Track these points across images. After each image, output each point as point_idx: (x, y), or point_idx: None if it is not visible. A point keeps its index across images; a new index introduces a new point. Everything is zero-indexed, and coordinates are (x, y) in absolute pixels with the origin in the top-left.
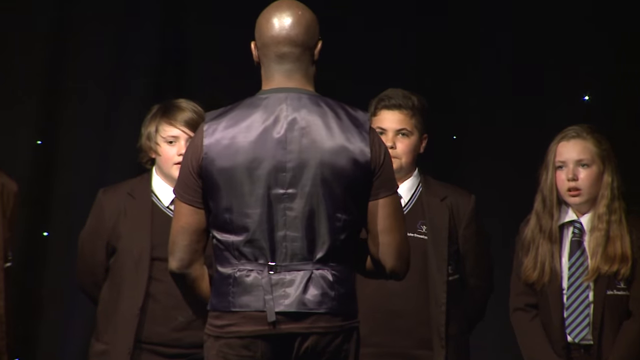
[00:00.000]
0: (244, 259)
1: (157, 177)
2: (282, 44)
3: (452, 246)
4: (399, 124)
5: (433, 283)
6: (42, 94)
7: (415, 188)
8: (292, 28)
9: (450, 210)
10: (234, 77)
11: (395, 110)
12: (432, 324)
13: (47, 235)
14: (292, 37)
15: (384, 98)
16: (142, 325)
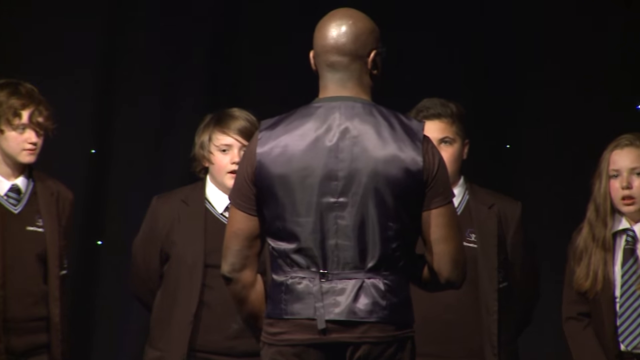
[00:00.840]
0: (296, 267)
1: (211, 185)
2: (331, 53)
3: (501, 254)
4: (440, 132)
5: (484, 292)
6: (96, 102)
7: (462, 196)
8: (340, 37)
9: (498, 217)
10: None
11: (435, 120)
12: (484, 332)
13: (102, 244)
14: (339, 46)
15: (423, 109)
16: (196, 333)
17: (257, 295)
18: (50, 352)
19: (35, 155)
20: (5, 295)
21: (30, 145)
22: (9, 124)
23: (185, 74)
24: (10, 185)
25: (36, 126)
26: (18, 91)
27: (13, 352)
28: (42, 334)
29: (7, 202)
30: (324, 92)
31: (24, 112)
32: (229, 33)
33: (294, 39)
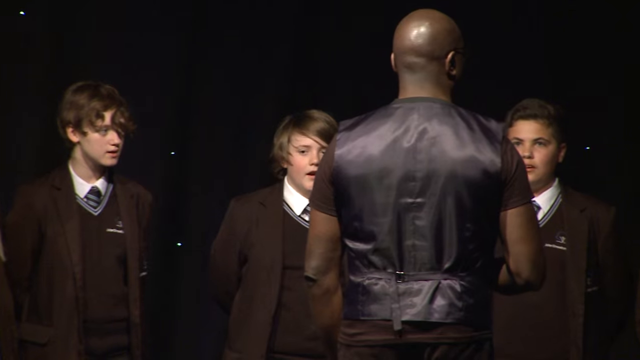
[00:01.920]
0: (372, 268)
1: (289, 187)
2: (408, 54)
3: (591, 258)
4: (535, 133)
5: (570, 294)
6: (177, 104)
7: (554, 198)
8: (417, 38)
9: (589, 221)
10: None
11: (531, 120)
12: (570, 335)
13: (181, 245)
14: (415, 47)
15: (520, 108)
16: (274, 334)
17: (338, 298)
18: (131, 354)
19: (116, 158)
20: (86, 296)
21: (113, 147)
22: (92, 126)
23: (265, 76)
24: (90, 187)
25: (119, 127)
26: (99, 93)
27: (93, 353)
28: (123, 335)
29: (87, 204)
30: (403, 93)
31: (106, 114)
32: (311, 34)
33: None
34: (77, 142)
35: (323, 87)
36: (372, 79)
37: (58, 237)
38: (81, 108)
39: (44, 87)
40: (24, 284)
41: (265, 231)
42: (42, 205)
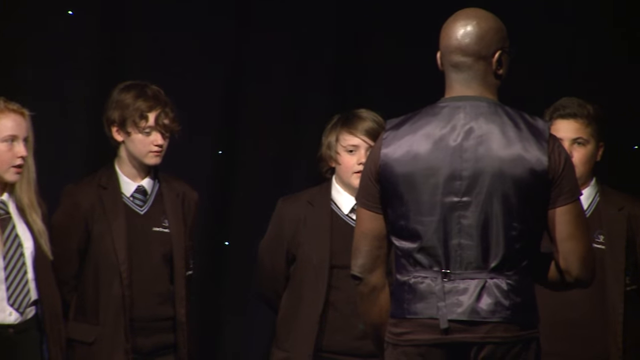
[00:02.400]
0: (418, 266)
1: (337, 186)
2: (454, 53)
3: (630, 256)
4: (574, 132)
5: (610, 293)
6: (223, 102)
7: (592, 197)
8: (463, 37)
9: (627, 220)
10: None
11: (570, 119)
12: (609, 334)
13: (228, 245)
14: (462, 46)
15: (559, 107)
16: (322, 333)
17: (385, 296)
18: (177, 352)
19: (160, 157)
20: (132, 295)
21: (156, 147)
22: (136, 127)
23: (313, 75)
24: (136, 186)
25: (162, 128)
26: (144, 93)
27: (140, 352)
28: (169, 333)
29: (133, 203)
30: (449, 91)
31: (150, 115)
32: (361, 33)
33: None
34: (122, 141)
35: (371, 86)
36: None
37: (104, 236)
38: (126, 108)
39: (91, 86)
40: (70, 283)
41: (313, 230)
42: (88, 205)
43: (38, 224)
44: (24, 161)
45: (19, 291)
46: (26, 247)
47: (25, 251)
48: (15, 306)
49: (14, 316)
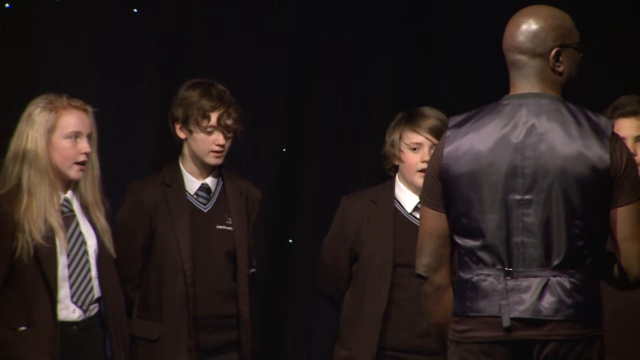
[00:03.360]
0: (481, 264)
1: (400, 184)
2: (511, 51)
3: None
4: (636, 130)
5: None
6: (288, 102)
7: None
8: (518, 36)
9: None
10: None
11: (631, 117)
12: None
13: (291, 242)
14: (517, 44)
15: (619, 106)
16: (385, 332)
17: (449, 296)
18: (240, 350)
19: (222, 157)
20: (196, 292)
21: (218, 147)
22: (198, 125)
23: (376, 73)
24: (200, 184)
25: (224, 129)
26: (209, 92)
27: (203, 349)
28: (232, 331)
29: (197, 201)
30: (512, 89)
31: (212, 115)
32: (427, 33)
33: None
34: (185, 139)
35: (434, 83)
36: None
37: (168, 234)
38: (190, 106)
39: (156, 83)
40: (134, 281)
41: (376, 229)
42: (152, 202)
43: (102, 221)
44: (87, 158)
45: (82, 289)
46: (89, 245)
47: (88, 249)
48: (79, 304)
49: (77, 314)
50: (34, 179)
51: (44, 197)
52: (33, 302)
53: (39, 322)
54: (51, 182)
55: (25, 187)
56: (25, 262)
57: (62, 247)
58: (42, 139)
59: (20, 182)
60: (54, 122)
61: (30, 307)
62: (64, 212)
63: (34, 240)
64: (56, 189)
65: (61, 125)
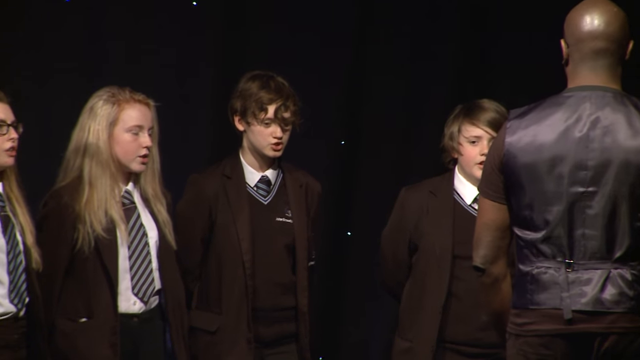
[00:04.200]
0: (542, 257)
1: (460, 176)
2: (600, 39)
3: None
4: None
5: None
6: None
7: None
8: (609, 24)
9: None
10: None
11: None
12: None
13: (350, 235)
14: (609, 32)
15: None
16: (445, 324)
17: (507, 286)
18: (298, 342)
19: (280, 150)
20: (255, 285)
21: (275, 139)
22: (255, 118)
23: (434, 65)
24: (260, 176)
25: (281, 121)
26: (268, 85)
27: (261, 341)
28: (291, 323)
29: (256, 193)
30: (574, 81)
31: (270, 107)
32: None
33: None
34: (243, 131)
35: (493, 75)
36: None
37: (228, 226)
38: (248, 98)
39: (219, 75)
40: (194, 272)
41: (436, 220)
42: (213, 194)
43: (163, 214)
44: (148, 151)
45: (143, 281)
46: (150, 237)
47: (149, 241)
48: (140, 295)
49: (138, 305)
50: (95, 171)
51: (105, 189)
52: (94, 294)
53: (100, 313)
54: (112, 174)
55: (87, 179)
56: (86, 253)
57: (123, 238)
58: (104, 131)
59: (82, 174)
60: (116, 115)
61: (90, 298)
62: (125, 204)
63: (94, 231)
64: (117, 181)
65: (123, 118)
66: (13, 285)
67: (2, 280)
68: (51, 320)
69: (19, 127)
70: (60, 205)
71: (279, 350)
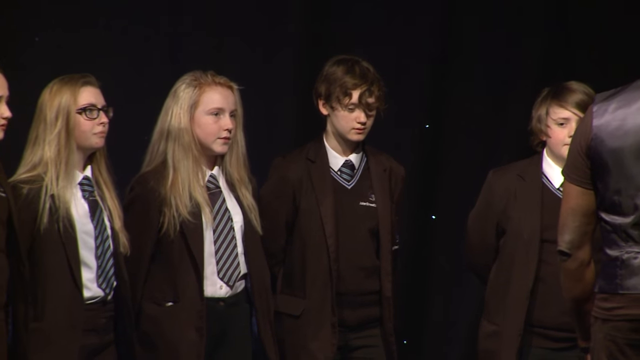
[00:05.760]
0: (631, 241)
1: (548, 159)
2: None
3: None
4: None
5: None
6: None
7: None
8: None
9: None
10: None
11: None
12: None
13: (436, 218)
14: None
15: None
16: (532, 308)
17: (591, 274)
18: (383, 326)
19: (364, 134)
20: (339, 269)
21: (359, 125)
22: (339, 103)
23: (521, 48)
24: (344, 160)
25: (365, 107)
26: (353, 70)
27: (346, 325)
28: (375, 307)
29: (340, 178)
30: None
31: (354, 92)
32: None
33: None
34: (327, 115)
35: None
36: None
37: (312, 210)
38: (333, 82)
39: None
40: (278, 257)
41: (524, 204)
42: (296, 178)
43: (248, 198)
44: (229, 134)
45: (228, 265)
46: (235, 221)
47: (234, 225)
48: (225, 279)
49: (224, 290)
50: (178, 155)
51: (188, 172)
52: (180, 278)
53: (186, 297)
54: (195, 157)
55: (171, 162)
56: (171, 237)
57: (208, 222)
58: (185, 114)
59: (166, 158)
60: (197, 98)
61: (177, 282)
62: (210, 188)
63: (180, 215)
64: (200, 164)
65: (204, 101)
66: (101, 269)
67: (90, 265)
68: (138, 304)
69: (109, 112)
70: (147, 190)
71: (363, 334)
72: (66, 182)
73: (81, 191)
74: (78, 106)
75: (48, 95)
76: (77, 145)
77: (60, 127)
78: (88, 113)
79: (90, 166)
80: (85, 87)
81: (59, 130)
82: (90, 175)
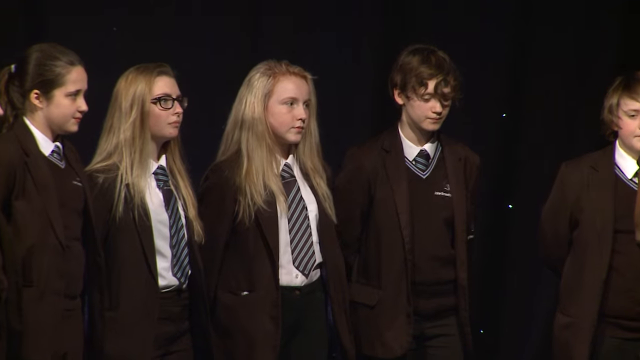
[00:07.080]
0: None
1: (620, 150)
2: None
3: None
4: None
5: None
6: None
7: None
8: None
9: None
10: None
11: None
12: None
13: (512, 208)
14: None
15: None
16: (606, 299)
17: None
18: (458, 315)
19: (438, 124)
20: (414, 259)
21: (434, 115)
22: (415, 92)
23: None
24: (419, 150)
25: (441, 97)
26: (428, 60)
27: (421, 315)
28: (449, 297)
29: (415, 167)
30: None
31: (430, 82)
32: None
33: None
34: (403, 104)
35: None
36: None
37: (387, 200)
38: (408, 72)
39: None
40: (353, 246)
41: (596, 195)
42: (371, 168)
43: (322, 187)
44: (303, 123)
45: (303, 254)
46: (310, 210)
47: (309, 214)
48: (301, 268)
49: (300, 278)
50: (252, 144)
51: (262, 161)
52: (255, 267)
53: (261, 286)
54: (269, 146)
55: (245, 151)
56: (246, 225)
57: (283, 211)
58: (259, 103)
59: (240, 147)
60: (271, 87)
61: (252, 271)
62: (285, 177)
63: (255, 204)
64: (274, 153)
65: (277, 90)
66: (176, 258)
67: (165, 254)
68: (213, 293)
69: (183, 101)
70: (222, 179)
71: (438, 324)
72: (140, 170)
73: (155, 180)
74: (153, 96)
75: (124, 84)
76: (151, 135)
77: (134, 116)
78: (163, 103)
79: (165, 155)
80: (160, 77)
81: (134, 120)
82: (164, 165)
